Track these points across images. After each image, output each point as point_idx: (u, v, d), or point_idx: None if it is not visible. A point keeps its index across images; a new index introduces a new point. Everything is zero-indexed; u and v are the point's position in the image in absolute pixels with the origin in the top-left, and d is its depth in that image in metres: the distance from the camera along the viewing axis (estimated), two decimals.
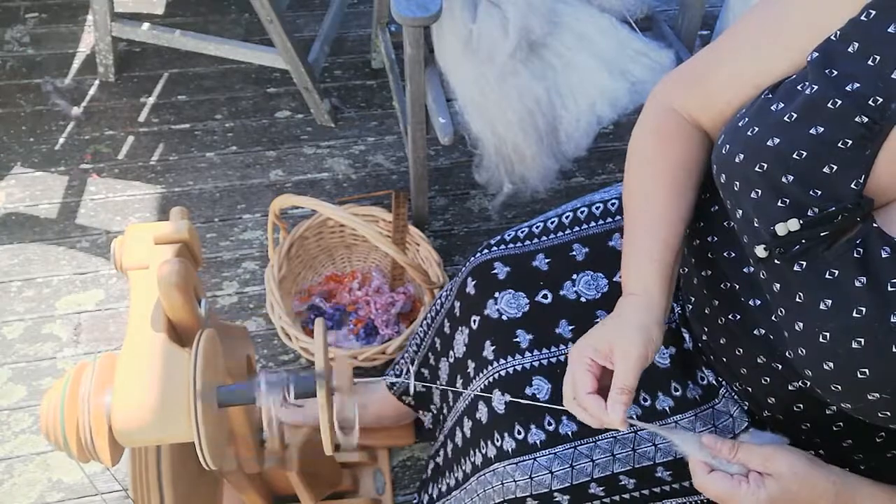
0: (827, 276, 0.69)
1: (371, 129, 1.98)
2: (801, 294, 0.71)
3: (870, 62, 0.67)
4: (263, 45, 1.90)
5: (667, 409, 0.92)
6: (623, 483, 0.90)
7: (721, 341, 0.87)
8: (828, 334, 0.68)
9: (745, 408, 0.90)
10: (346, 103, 2.03)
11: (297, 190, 1.84)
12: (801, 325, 0.71)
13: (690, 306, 0.92)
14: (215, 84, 2.05)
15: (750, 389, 0.87)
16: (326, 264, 1.69)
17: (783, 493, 0.72)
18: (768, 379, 0.83)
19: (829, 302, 0.68)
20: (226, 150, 1.91)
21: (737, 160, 0.74)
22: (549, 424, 0.92)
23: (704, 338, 0.90)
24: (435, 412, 1.23)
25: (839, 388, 0.69)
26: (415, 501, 1.28)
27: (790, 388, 0.81)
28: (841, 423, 0.81)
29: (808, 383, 0.76)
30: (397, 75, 1.84)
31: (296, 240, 1.59)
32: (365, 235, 1.37)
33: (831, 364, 0.69)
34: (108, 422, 0.73)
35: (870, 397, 0.67)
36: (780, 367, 0.80)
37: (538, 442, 0.92)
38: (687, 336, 0.95)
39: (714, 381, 0.92)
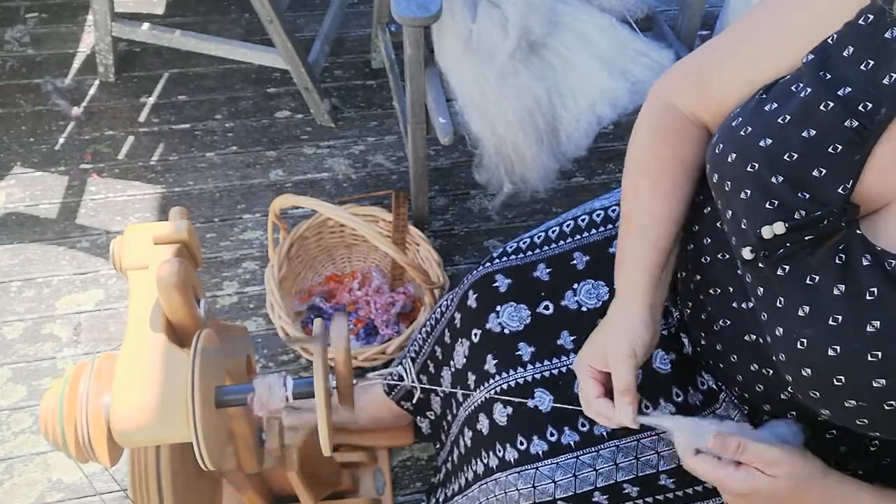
0: (808, 281, 0.68)
1: (371, 129, 1.97)
2: (781, 298, 0.71)
3: (862, 67, 0.67)
4: (263, 45, 1.89)
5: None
6: (626, 491, 0.89)
7: (717, 347, 0.87)
8: (805, 340, 0.68)
9: (746, 412, 0.90)
10: (346, 103, 2.03)
11: (297, 190, 1.84)
12: (780, 329, 0.71)
13: (688, 311, 0.92)
14: (215, 84, 2.05)
15: (747, 395, 0.87)
16: (326, 264, 1.69)
17: (771, 491, 0.72)
18: (762, 387, 0.82)
19: (808, 308, 0.68)
20: (226, 150, 1.91)
21: (729, 160, 0.74)
22: (552, 435, 0.92)
23: (703, 343, 0.90)
24: (433, 418, 1.23)
25: (817, 394, 0.69)
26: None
27: (782, 396, 0.80)
28: (834, 431, 0.81)
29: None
30: (397, 75, 1.84)
31: (296, 240, 1.59)
32: (365, 235, 1.37)
33: (809, 370, 0.68)
34: (107, 422, 0.73)
35: (847, 405, 0.67)
36: (770, 373, 0.80)
37: (540, 452, 0.91)
38: (686, 341, 0.95)
39: (714, 386, 0.91)
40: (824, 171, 0.68)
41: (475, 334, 1.02)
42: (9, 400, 1.49)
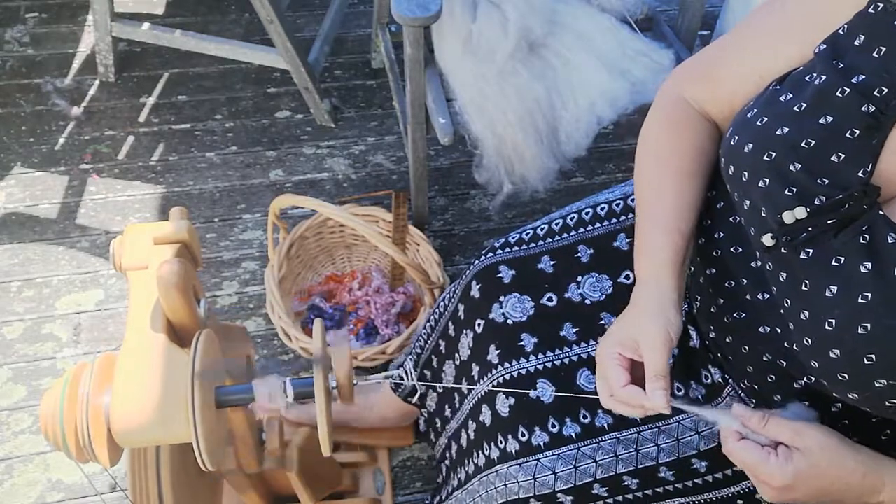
0: (833, 262, 0.69)
1: (371, 129, 1.97)
2: (807, 282, 0.71)
3: (875, 54, 0.68)
4: (263, 45, 1.89)
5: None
6: (626, 483, 0.90)
7: (727, 339, 0.87)
8: (833, 321, 0.68)
9: (753, 406, 0.90)
10: (346, 103, 2.03)
11: (297, 190, 1.84)
12: (806, 313, 0.71)
13: (697, 304, 0.92)
14: (215, 84, 2.05)
15: (756, 387, 0.87)
16: (326, 264, 1.69)
17: (811, 469, 0.72)
18: (774, 377, 0.83)
19: (835, 288, 0.69)
20: (226, 150, 1.91)
21: (746, 150, 0.75)
22: (553, 426, 0.92)
23: (712, 335, 0.90)
24: (427, 416, 1.23)
25: (846, 376, 0.69)
26: (427, 502, 1.29)
27: (796, 385, 0.81)
28: (846, 421, 0.81)
29: (814, 379, 0.76)
30: (397, 75, 1.84)
31: (296, 240, 1.59)
32: (365, 235, 1.37)
33: (837, 352, 0.69)
34: (107, 422, 0.73)
35: (877, 385, 0.68)
36: (785, 363, 0.80)
37: (542, 444, 0.91)
38: (694, 334, 0.95)
39: (720, 380, 0.92)
40: (843, 155, 0.69)
41: (478, 324, 1.02)
42: (9, 400, 1.49)
